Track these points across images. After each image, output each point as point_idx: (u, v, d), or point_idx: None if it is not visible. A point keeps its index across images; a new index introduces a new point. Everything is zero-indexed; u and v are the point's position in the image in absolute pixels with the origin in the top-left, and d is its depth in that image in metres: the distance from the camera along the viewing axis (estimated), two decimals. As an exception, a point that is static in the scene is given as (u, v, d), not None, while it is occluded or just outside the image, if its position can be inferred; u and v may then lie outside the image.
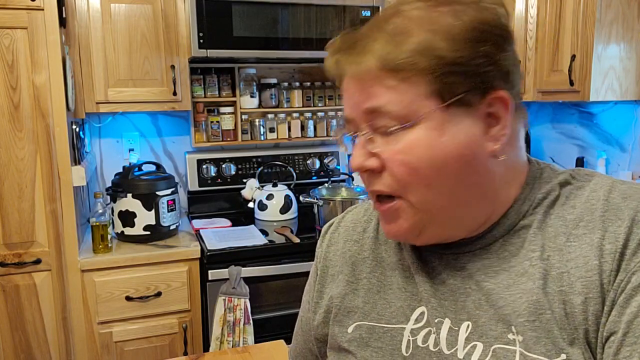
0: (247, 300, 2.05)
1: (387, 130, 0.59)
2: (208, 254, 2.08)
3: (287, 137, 2.71)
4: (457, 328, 0.62)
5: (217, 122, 2.58)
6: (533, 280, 0.59)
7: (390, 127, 0.59)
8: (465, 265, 0.65)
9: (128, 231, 2.17)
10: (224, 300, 2.04)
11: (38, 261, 1.94)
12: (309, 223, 2.47)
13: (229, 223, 2.44)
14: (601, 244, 0.57)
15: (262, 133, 2.65)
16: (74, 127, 2.05)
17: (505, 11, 0.61)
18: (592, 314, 0.56)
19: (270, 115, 2.66)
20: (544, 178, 0.65)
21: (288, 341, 0.93)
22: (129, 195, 2.15)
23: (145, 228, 2.17)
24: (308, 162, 2.75)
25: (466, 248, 0.65)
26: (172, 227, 2.24)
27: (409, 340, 0.66)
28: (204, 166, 2.59)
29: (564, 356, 0.56)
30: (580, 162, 2.49)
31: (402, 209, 0.62)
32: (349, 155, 2.86)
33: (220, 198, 2.65)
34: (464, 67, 0.57)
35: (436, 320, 0.64)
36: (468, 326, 0.62)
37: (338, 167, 2.82)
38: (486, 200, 0.63)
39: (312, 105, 2.73)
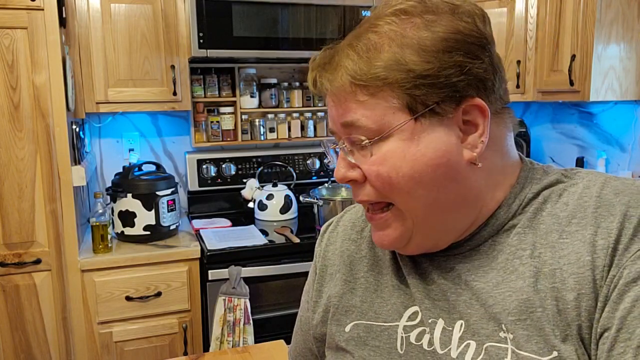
0: (247, 300, 2.05)
1: (361, 143, 0.61)
2: (208, 254, 2.08)
3: (287, 137, 2.71)
4: (450, 328, 0.63)
5: (217, 122, 2.58)
6: (523, 279, 0.59)
7: (364, 141, 0.60)
8: (455, 267, 0.65)
9: (128, 231, 2.17)
10: (224, 300, 2.04)
11: (38, 261, 1.94)
12: (309, 223, 2.47)
13: (229, 223, 2.44)
14: (594, 240, 0.57)
15: (262, 133, 2.65)
16: (74, 127, 2.06)
17: (483, 18, 0.61)
18: (585, 309, 0.56)
19: (270, 115, 2.66)
20: (536, 178, 0.65)
21: (288, 341, 0.94)
22: (129, 195, 2.15)
23: (145, 228, 2.17)
24: (308, 162, 2.75)
25: (455, 250, 0.66)
26: (172, 227, 2.24)
27: (402, 337, 0.67)
28: (204, 166, 2.59)
29: (555, 353, 0.56)
30: (580, 162, 2.49)
31: (394, 218, 0.64)
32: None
33: (220, 198, 2.65)
34: (434, 78, 0.57)
35: (430, 321, 0.64)
36: (461, 325, 0.62)
37: (338, 167, 2.81)
38: (469, 207, 0.63)
39: (312, 105, 2.74)
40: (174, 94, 2.26)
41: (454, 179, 0.61)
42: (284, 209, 2.49)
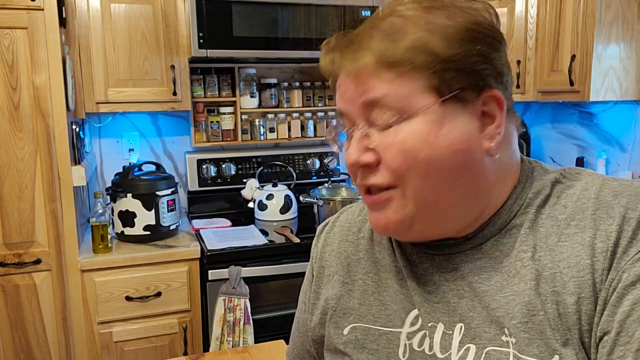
0: (247, 300, 2.05)
1: (385, 122, 0.59)
2: (208, 254, 2.08)
3: (287, 137, 2.71)
4: (450, 332, 0.62)
5: (217, 122, 2.58)
6: (525, 282, 0.59)
7: (389, 120, 0.59)
8: (458, 267, 0.64)
9: (128, 231, 2.17)
10: (224, 300, 2.04)
11: (38, 261, 1.94)
12: (309, 223, 2.47)
13: (229, 223, 2.44)
14: (593, 243, 0.57)
15: (262, 133, 2.65)
16: (74, 127, 2.06)
17: (496, 16, 0.62)
18: (585, 313, 0.56)
19: (270, 115, 2.66)
20: (535, 177, 0.65)
21: (288, 341, 0.93)
22: (129, 195, 2.15)
23: (145, 228, 2.17)
24: (308, 162, 2.75)
25: (457, 248, 0.65)
26: (172, 227, 2.24)
27: (405, 344, 0.66)
28: (204, 166, 2.59)
29: (557, 357, 0.55)
30: (580, 162, 2.49)
31: (393, 200, 0.62)
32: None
33: (220, 198, 2.65)
34: (460, 64, 0.57)
35: (429, 325, 0.64)
36: (461, 328, 0.62)
37: (338, 167, 2.82)
38: (478, 199, 0.63)
39: (312, 105, 2.73)
40: (174, 94, 2.26)
41: (471, 168, 0.60)
42: (284, 209, 2.49)
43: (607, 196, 0.60)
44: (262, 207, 2.49)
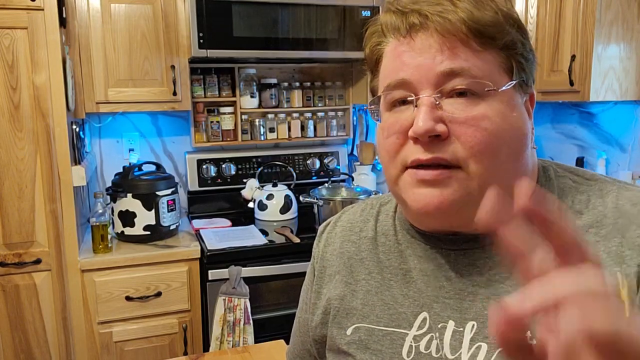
0: (247, 300, 2.05)
1: (466, 94, 0.57)
2: (208, 254, 2.08)
3: (287, 137, 2.71)
4: (461, 329, 0.62)
5: (217, 122, 2.58)
6: None
7: (473, 91, 0.57)
8: (475, 262, 0.63)
9: (128, 231, 2.17)
10: (224, 300, 2.04)
11: (38, 261, 1.94)
12: (309, 223, 2.47)
13: (229, 223, 2.44)
14: (620, 251, 0.57)
15: (262, 133, 2.65)
16: (74, 127, 2.06)
17: None
18: None
19: (270, 115, 2.66)
20: (550, 178, 0.66)
21: (288, 341, 0.93)
22: (129, 195, 2.15)
23: (145, 228, 2.17)
24: (308, 162, 2.75)
25: (475, 243, 0.63)
26: (172, 227, 2.24)
27: (411, 345, 0.65)
28: (204, 166, 2.59)
29: None
30: (580, 162, 2.49)
31: (456, 179, 0.58)
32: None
33: (220, 198, 2.65)
34: (527, 54, 0.60)
35: (439, 326, 0.63)
36: (473, 326, 0.61)
37: (338, 167, 2.82)
38: None
39: (312, 105, 2.73)
40: (174, 94, 2.26)
41: (525, 155, 0.62)
42: (284, 209, 2.49)
43: (626, 205, 0.60)
44: (262, 207, 2.49)
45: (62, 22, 1.93)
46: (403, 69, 0.59)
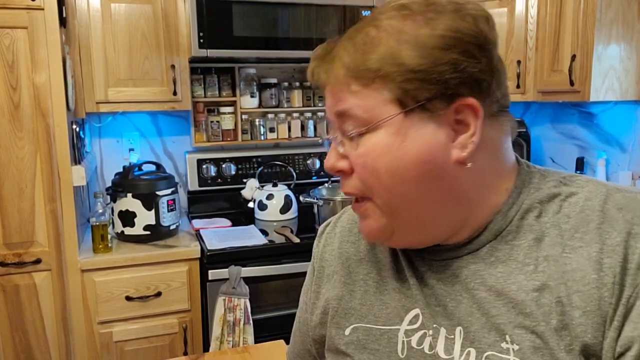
0: (247, 300, 2.05)
1: (351, 134, 0.61)
2: (208, 253, 2.08)
3: (287, 137, 2.71)
4: (452, 336, 0.62)
5: (217, 121, 2.58)
6: (526, 292, 0.59)
7: (354, 131, 0.61)
8: (455, 272, 0.64)
9: (128, 231, 2.17)
10: (224, 300, 2.04)
11: (38, 261, 1.94)
12: (309, 223, 2.47)
13: (229, 223, 2.44)
14: (599, 258, 0.56)
15: (262, 133, 2.65)
16: (74, 127, 2.06)
17: (487, 20, 0.60)
18: (591, 327, 0.55)
19: (270, 115, 2.66)
20: (533, 184, 0.65)
21: (288, 341, 0.93)
22: (129, 195, 2.15)
23: (145, 228, 2.17)
24: (308, 162, 2.75)
25: (453, 253, 0.65)
26: (172, 227, 2.24)
27: (403, 341, 0.66)
28: (204, 166, 2.59)
29: None
30: (580, 162, 2.49)
31: (370, 210, 0.64)
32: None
33: (220, 198, 2.65)
34: (426, 74, 0.57)
35: (433, 326, 0.64)
36: (460, 331, 0.62)
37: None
38: (456, 206, 0.62)
39: (312, 105, 2.73)
40: (174, 93, 2.26)
41: (440, 178, 0.60)
42: (284, 209, 2.49)
43: (612, 209, 0.59)
44: (262, 207, 2.49)
45: (62, 22, 1.93)
46: (327, 109, 0.66)
